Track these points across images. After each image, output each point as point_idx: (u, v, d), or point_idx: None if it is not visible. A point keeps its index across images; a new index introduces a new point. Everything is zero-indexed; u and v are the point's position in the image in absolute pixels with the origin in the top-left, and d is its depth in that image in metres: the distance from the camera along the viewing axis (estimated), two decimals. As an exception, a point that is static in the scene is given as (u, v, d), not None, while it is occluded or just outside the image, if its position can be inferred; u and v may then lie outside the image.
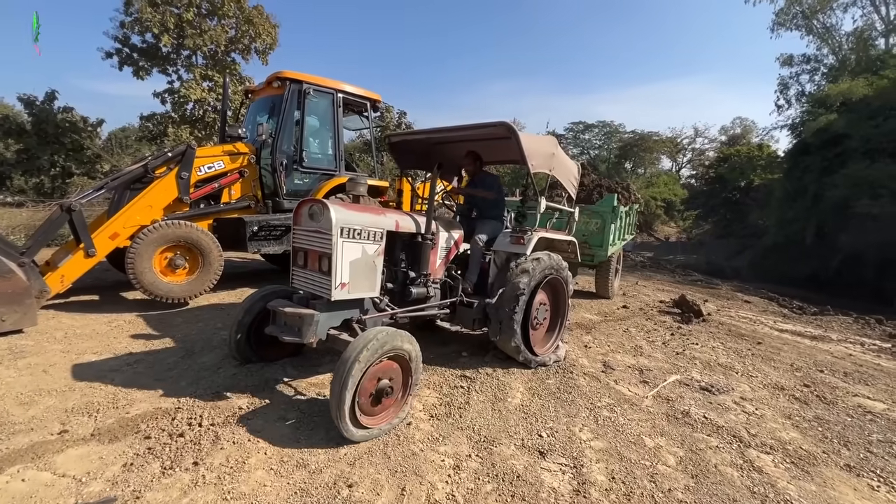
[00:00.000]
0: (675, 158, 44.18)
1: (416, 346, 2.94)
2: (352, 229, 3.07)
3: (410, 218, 3.71)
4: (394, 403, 2.90)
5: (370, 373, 2.65)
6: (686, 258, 21.55)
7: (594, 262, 7.35)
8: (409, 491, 2.32)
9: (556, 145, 4.30)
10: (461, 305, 4.05)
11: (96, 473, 2.26)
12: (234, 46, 19.97)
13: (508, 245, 4.12)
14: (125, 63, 18.44)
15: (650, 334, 5.85)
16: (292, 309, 3.05)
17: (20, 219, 11.14)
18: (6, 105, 19.64)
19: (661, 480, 2.63)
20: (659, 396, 3.86)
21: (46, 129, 17.99)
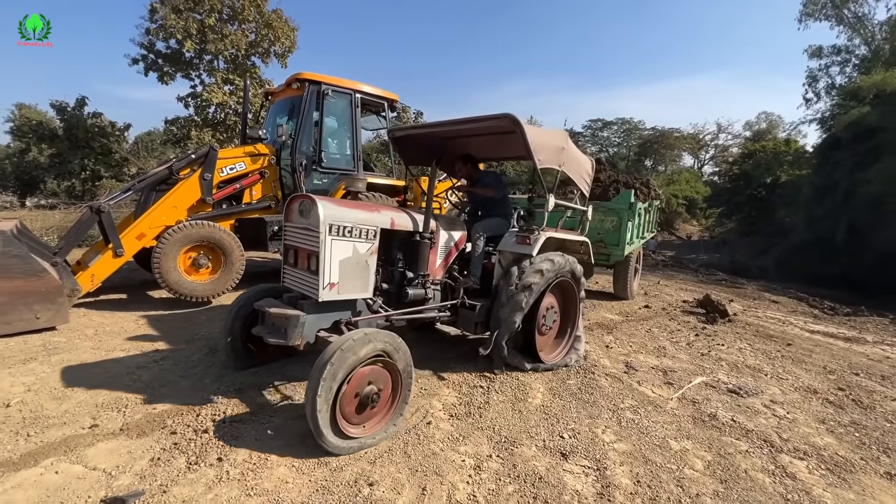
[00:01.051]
0: (697, 155, 43.12)
1: (404, 348, 2.75)
2: (342, 227, 2.92)
3: (408, 216, 3.55)
4: (383, 410, 2.73)
5: (352, 378, 2.47)
6: (709, 257, 20.98)
7: (610, 262, 7.02)
8: (430, 491, 2.30)
9: (566, 139, 4.06)
10: (463, 308, 3.85)
11: (125, 467, 2.31)
12: (254, 50, 20.35)
13: (514, 245, 3.86)
14: (150, 69, 18.97)
15: (674, 335, 5.70)
16: (278, 310, 2.91)
17: (53, 220, 11.57)
18: (40, 111, 20.34)
19: (688, 485, 2.55)
20: (684, 398, 3.76)
21: (77, 134, 18.65)
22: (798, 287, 11.55)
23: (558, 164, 3.96)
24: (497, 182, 4.53)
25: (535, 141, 3.57)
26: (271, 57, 21.09)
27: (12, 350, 3.71)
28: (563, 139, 4.04)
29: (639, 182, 8.58)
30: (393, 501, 2.20)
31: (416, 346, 4.38)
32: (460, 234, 4.02)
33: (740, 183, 27.11)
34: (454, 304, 3.83)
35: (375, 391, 2.61)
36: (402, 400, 2.79)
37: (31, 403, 2.90)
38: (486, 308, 3.81)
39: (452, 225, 4.01)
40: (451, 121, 3.86)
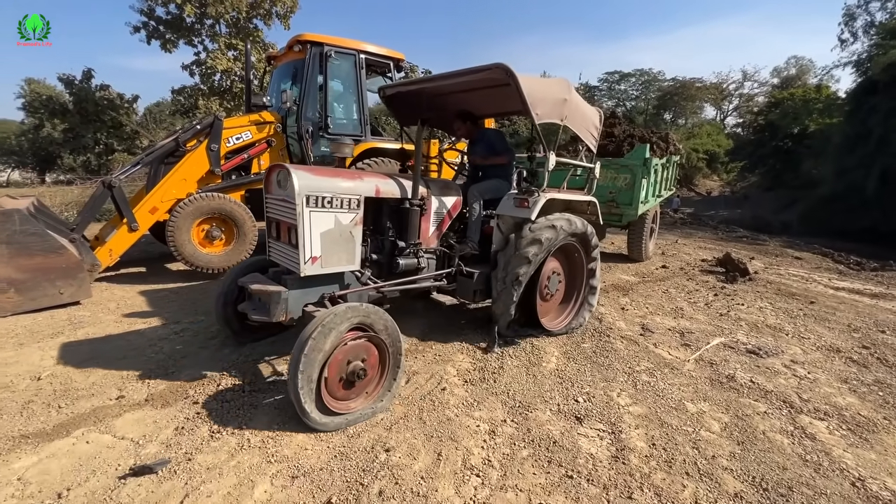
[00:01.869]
0: (719, 106, 41.04)
1: (389, 321, 2.66)
2: (320, 197, 2.75)
3: (395, 182, 3.35)
4: (371, 385, 2.67)
5: (335, 354, 2.42)
6: (729, 213, 20.36)
7: (622, 222, 6.68)
8: (446, 456, 2.33)
9: (568, 89, 3.68)
10: (460, 275, 3.69)
11: (151, 436, 2.39)
12: (255, 12, 19.63)
13: (512, 209, 3.61)
14: (152, 36, 18.50)
15: (691, 295, 5.59)
16: (259, 286, 2.82)
17: (72, 196, 11.75)
18: (49, 86, 20.22)
19: (704, 447, 2.53)
20: (701, 360, 3.70)
21: (87, 108, 18.56)
22: (823, 242, 11.16)
23: (560, 117, 3.62)
24: (499, 141, 4.23)
25: (532, 93, 3.24)
26: (273, 18, 20.37)
27: (40, 325, 3.83)
28: (565, 89, 3.68)
29: (656, 136, 7.95)
30: (409, 467, 2.24)
31: (428, 312, 4.43)
32: (455, 198, 3.81)
33: (765, 134, 25.84)
34: (452, 272, 3.67)
35: (361, 367, 2.55)
36: (390, 375, 2.71)
37: (61, 376, 3.01)
38: (486, 275, 3.66)
39: (446, 189, 3.78)
40: (442, 74, 3.49)
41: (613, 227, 6.89)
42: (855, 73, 19.25)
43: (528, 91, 3.18)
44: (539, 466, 2.30)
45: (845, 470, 2.38)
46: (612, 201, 6.42)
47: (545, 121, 3.48)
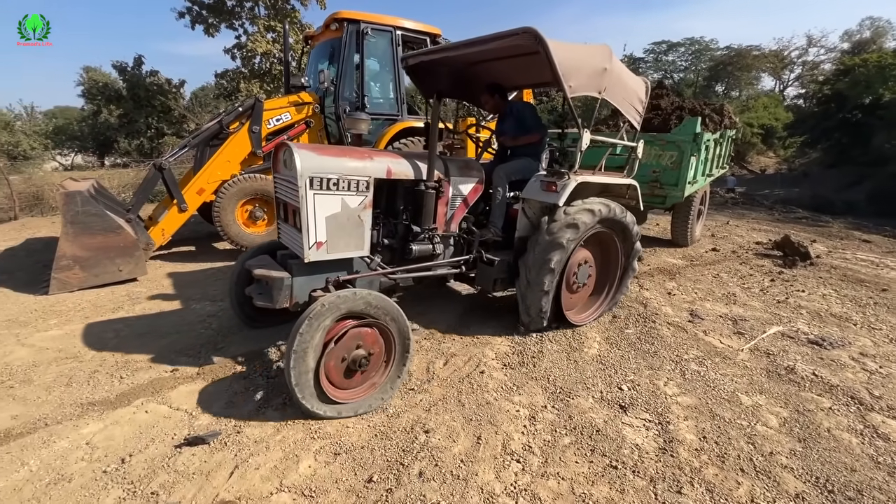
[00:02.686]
0: (779, 76, 37.77)
1: (393, 308, 2.52)
2: (325, 179, 2.57)
3: (409, 162, 3.11)
4: (375, 375, 2.56)
5: (331, 344, 2.31)
6: (785, 192, 18.90)
7: (666, 204, 6.03)
8: (485, 440, 2.30)
9: (608, 57, 3.24)
10: (481, 262, 3.44)
11: (203, 409, 2.51)
12: (292, -8, 19.68)
13: (538, 192, 3.30)
14: (196, 21, 18.99)
15: (745, 280, 5.24)
16: (263, 270, 2.71)
17: (128, 178, 12.42)
18: (105, 73, 21.28)
19: (760, 443, 2.37)
20: (757, 350, 3.47)
21: (139, 94, 19.41)
22: (892, 230, 10.17)
23: (598, 89, 3.19)
24: (530, 116, 3.85)
25: (564, 62, 2.84)
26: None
27: (102, 300, 4.09)
28: (605, 57, 3.23)
29: (709, 108, 7.13)
30: (448, 449, 2.23)
31: (465, 295, 4.38)
32: (476, 179, 3.51)
33: (831, 105, 23.61)
34: (470, 259, 3.44)
35: (365, 355, 2.44)
36: (397, 364, 2.59)
37: (122, 348, 3.20)
38: (507, 263, 3.40)
39: (466, 170, 3.49)
40: (466, 41, 3.12)
41: (656, 208, 6.39)
42: (944, 33, 17.10)
43: (560, 59, 2.80)
44: (582, 455, 2.24)
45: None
46: (655, 181, 5.86)
47: (580, 94, 3.11)
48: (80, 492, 1.90)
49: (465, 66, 3.93)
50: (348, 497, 1.93)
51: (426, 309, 3.98)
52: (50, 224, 7.42)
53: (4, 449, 2.14)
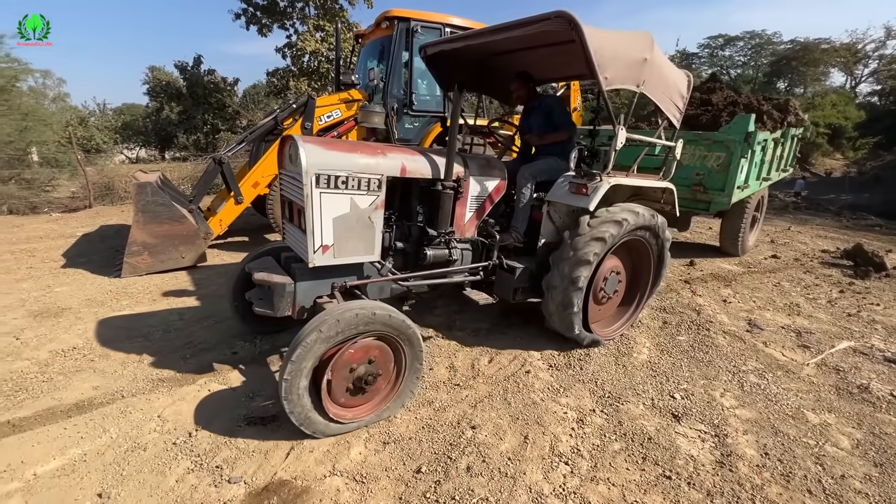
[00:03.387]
0: (851, 71, 34.84)
1: (399, 320, 2.25)
2: (333, 176, 2.35)
3: (426, 159, 2.86)
4: (382, 391, 2.37)
5: (341, 358, 2.12)
6: (854, 197, 17.48)
7: (710, 211, 5.42)
8: (532, 440, 2.29)
9: (650, 46, 2.93)
10: (501, 270, 3.17)
11: (259, 390, 2.64)
12: (341, -8, 20.21)
13: (566, 195, 3.01)
14: (251, 22, 19.87)
15: (810, 290, 4.90)
16: (263, 274, 2.52)
17: (186, 171, 13.21)
18: (167, 72, 22.74)
19: (830, 464, 2.22)
20: (825, 365, 3.24)
21: (197, 92, 20.55)
22: None
23: (636, 82, 2.90)
24: (559, 111, 3.54)
25: (601, 50, 2.55)
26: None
27: (168, 285, 4.38)
28: (646, 47, 2.92)
29: (769, 104, 6.34)
30: (496, 446, 2.23)
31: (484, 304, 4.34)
32: (498, 179, 3.25)
33: (913, 103, 21.56)
34: (490, 266, 3.17)
35: (372, 372, 2.25)
36: (407, 379, 2.40)
37: (186, 330, 3.42)
38: (530, 271, 3.12)
39: (487, 168, 3.21)
40: (491, 28, 2.81)
41: (700, 214, 5.69)
42: None
43: (596, 48, 2.51)
44: (633, 462, 2.18)
45: None
46: (698, 185, 5.28)
47: (617, 86, 2.82)
48: (153, 460, 2.05)
49: (488, 57, 3.66)
50: (398, 485, 1.97)
51: (462, 308, 3.99)
52: (119, 212, 8.02)
53: (89, 416, 2.35)
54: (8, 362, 2.84)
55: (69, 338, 3.21)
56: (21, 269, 4.61)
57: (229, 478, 1.96)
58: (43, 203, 8.32)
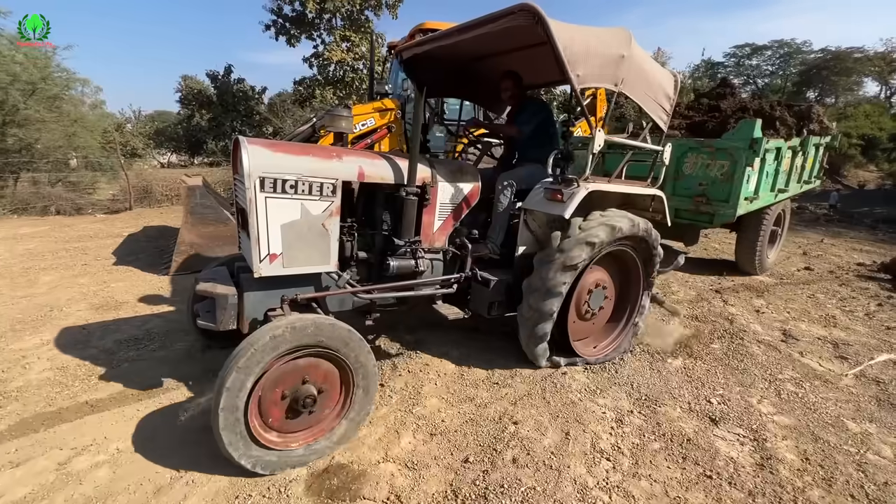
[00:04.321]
0: (886, 81, 33.90)
1: (345, 334, 2.11)
2: (280, 180, 2.19)
3: (387, 163, 2.67)
4: (330, 416, 2.18)
5: (273, 379, 1.97)
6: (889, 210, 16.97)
7: (714, 223, 5.03)
8: (574, 437, 2.38)
9: (627, 43, 2.77)
10: (476, 283, 2.99)
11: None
12: (367, 3, 20.82)
13: (542, 202, 2.84)
14: (280, 33, 20.60)
15: (846, 302, 4.85)
16: (206, 286, 2.33)
17: (218, 176, 13.73)
18: (199, 81, 23.67)
19: (873, 472, 2.25)
20: (864, 376, 3.24)
21: (227, 99, 21.31)
22: None
23: (613, 81, 2.75)
24: (534, 115, 3.35)
25: (571, 47, 2.41)
26: (383, 9, 21.43)
27: (212, 282, 4.62)
28: (623, 43, 2.76)
29: (784, 110, 5.89)
30: (538, 441, 2.33)
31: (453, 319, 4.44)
32: (471, 185, 3.03)
33: (952, 114, 20.86)
34: (462, 278, 2.97)
35: (313, 393, 2.06)
36: (355, 403, 2.20)
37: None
38: (507, 283, 2.97)
39: (458, 174, 3.00)
40: (459, 27, 2.60)
41: (701, 227, 5.28)
42: None
43: (565, 43, 2.37)
44: (673, 461, 2.25)
45: None
46: (701, 196, 4.91)
47: (590, 85, 2.71)
48: (221, 441, 2.22)
49: (470, 62, 3.53)
50: (447, 473, 2.09)
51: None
52: (159, 214, 8.43)
53: (157, 400, 2.55)
54: (79, 349, 3.08)
55: (129, 329, 3.45)
56: (77, 266, 4.92)
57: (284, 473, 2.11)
58: (87, 205, 8.79)
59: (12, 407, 2.46)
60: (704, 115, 6.16)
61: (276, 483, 1.97)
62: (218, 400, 1.83)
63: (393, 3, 21.22)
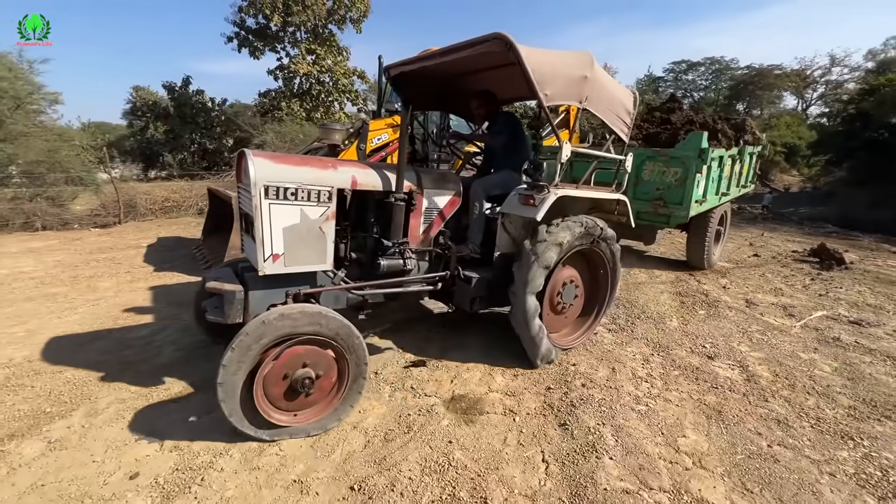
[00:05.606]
0: (801, 95, 38.87)
1: (339, 324, 2.41)
2: (282, 188, 2.50)
3: (378, 172, 3.05)
4: (325, 398, 2.48)
5: (279, 359, 2.27)
6: (810, 210, 19.68)
7: (670, 224, 5.86)
8: (618, 370, 3.29)
9: (589, 64, 3.19)
10: (459, 280, 3.35)
11: (408, 349, 3.51)
12: (332, 18, 21.44)
13: (517, 206, 3.21)
14: (243, 45, 20.72)
15: (788, 279, 6.18)
16: (215, 283, 2.59)
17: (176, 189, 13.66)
18: (152, 92, 23.10)
19: (819, 380, 3.32)
20: (807, 326, 4.41)
21: (185, 111, 21.03)
22: (923, 240, 10.94)
23: (578, 98, 3.15)
24: (507, 127, 3.75)
25: (539, 68, 2.82)
26: (347, 23, 22.13)
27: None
28: (586, 64, 3.18)
29: (724, 123, 6.83)
30: (594, 373, 3.21)
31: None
32: (452, 192, 3.43)
33: (856, 124, 24.45)
34: (447, 276, 3.33)
35: (311, 376, 2.36)
36: (349, 388, 2.51)
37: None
38: (487, 280, 3.32)
39: (441, 182, 3.41)
40: (442, 50, 3.03)
41: (660, 228, 6.19)
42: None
43: (533, 66, 2.76)
44: (690, 381, 3.21)
45: (943, 398, 3.09)
46: (659, 199, 5.71)
47: (558, 102, 3.07)
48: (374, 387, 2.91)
49: (452, 78, 3.93)
50: (538, 396, 2.91)
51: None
52: (157, 227, 8.61)
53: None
54: (194, 335, 3.60)
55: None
56: (121, 273, 5.26)
57: (426, 393, 2.85)
58: (73, 219, 8.80)
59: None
60: (658, 127, 7.05)
61: (422, 407, 2.71)
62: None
63: (357, 17, 21.99)
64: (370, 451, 2.32)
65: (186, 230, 8.23)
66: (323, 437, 2.43)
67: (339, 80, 21.95)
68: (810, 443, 2.55)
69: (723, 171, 6.32)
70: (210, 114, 21.85)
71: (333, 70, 21.76)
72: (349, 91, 22.79)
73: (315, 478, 2.11)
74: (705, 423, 2.68)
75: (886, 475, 2.30)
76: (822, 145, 28.09)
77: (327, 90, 21.99)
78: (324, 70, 21.60)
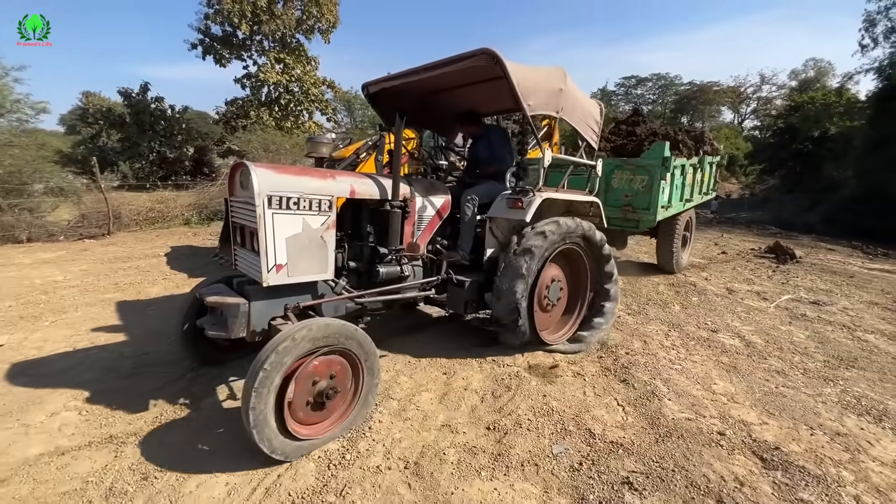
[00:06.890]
0: (737, 109, 43.16)
1: (357, 334, 2.47)
2: (285, 198, 2.54)
3: (373, 182, 3.18)
4: (340, 406, 2.52)
5: (300, 375, 2.25)
6: (750, 215, 22.06)
7: (639, 228, 6.33)
8: (649, 342, 4.08)
9: (564, 78, 3.52)
10: (451, 284, 3.52)
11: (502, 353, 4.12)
12: (300, 28, 21.69)
13: (505, 210, 3.45)
14: (207, 52, 20.51)
15: (755, 271, 7.36)
16: (216, 297, 2.57)
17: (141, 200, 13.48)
18: (104, 98, 22.21)
19: (798, 342, 4.28)
20: (779, 307, 5.46)
21: (143, 119, 20.44)
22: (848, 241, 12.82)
23: (555, 109, 3.48)
24: (499, 142, 4.05)
25: (523, 82, 3.09)
26: (315, 33, 22.44)
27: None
28: (561, 78, 3.52)
29: (688, 135, 7.38)
30: (631, 345, 3.99)
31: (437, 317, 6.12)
32: (443, 199, 3.61)
33: (785, 137, 27.63)
34: (440, 281, 3.51)
35: (331, 387, 2.40)
36: (365, 392, 2.57)
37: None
38: (478, 283, 3.53)
39: (432, 190, 3.58)
40: (426, 66, 3.22)
41: (631, 233, 6.78)
42: (877, 78, 20.95)
43: (518, 80, 3.02)
44: (704, 348, 4.05)
45: (886, 352, 4.12)
46: (628, 205, 6.15)
47: (539, 112, 3.37)
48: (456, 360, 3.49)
49: (428, 95, 4.06)
50: (594, 363, 3.63)
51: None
52: (154, 237, 8.64)
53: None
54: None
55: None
56: (159, 280, 5.48)
57: (507, 364, 3.49)
58: (59, 231, 8.65)
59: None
60: (624, 139, 7.65)
61: (511, 374, 3.34)
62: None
63: (326, 28, 22.37)
64: (488, 404, 2.93)
65: (192, 240, 8.36)
66: (448, 394, 3.02)
67: (310, 89, 22.17)
68: (804, 384, 3.42)
69: (685, 179, 6.88)
70: (170, 122, 21.32)
71: (303, 79, 21.98)
72: (319, 101, 23.01)
73: (457, 423, 2.69)
74: (727, 375, 3.50)
75: (859, 401, 3.19)
76: (756, 156, 31.39)
77: (297, 99, 22.13)
78: (293, 79, 21.76)
